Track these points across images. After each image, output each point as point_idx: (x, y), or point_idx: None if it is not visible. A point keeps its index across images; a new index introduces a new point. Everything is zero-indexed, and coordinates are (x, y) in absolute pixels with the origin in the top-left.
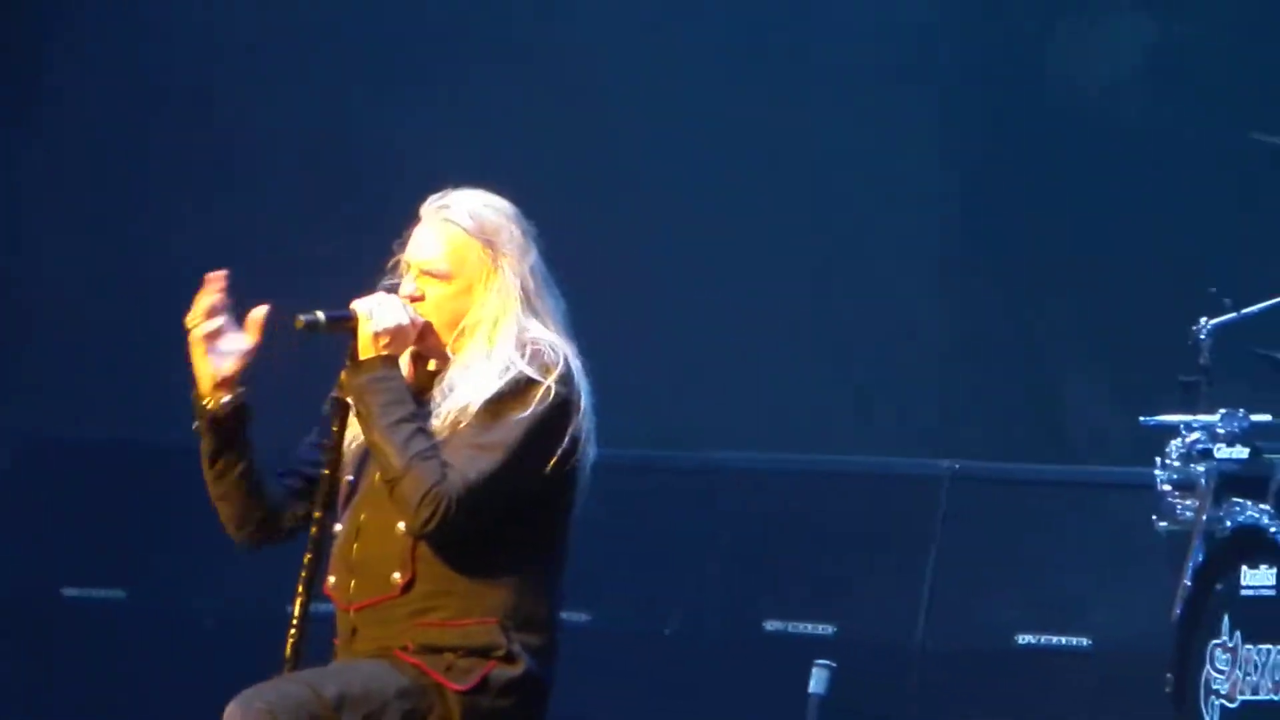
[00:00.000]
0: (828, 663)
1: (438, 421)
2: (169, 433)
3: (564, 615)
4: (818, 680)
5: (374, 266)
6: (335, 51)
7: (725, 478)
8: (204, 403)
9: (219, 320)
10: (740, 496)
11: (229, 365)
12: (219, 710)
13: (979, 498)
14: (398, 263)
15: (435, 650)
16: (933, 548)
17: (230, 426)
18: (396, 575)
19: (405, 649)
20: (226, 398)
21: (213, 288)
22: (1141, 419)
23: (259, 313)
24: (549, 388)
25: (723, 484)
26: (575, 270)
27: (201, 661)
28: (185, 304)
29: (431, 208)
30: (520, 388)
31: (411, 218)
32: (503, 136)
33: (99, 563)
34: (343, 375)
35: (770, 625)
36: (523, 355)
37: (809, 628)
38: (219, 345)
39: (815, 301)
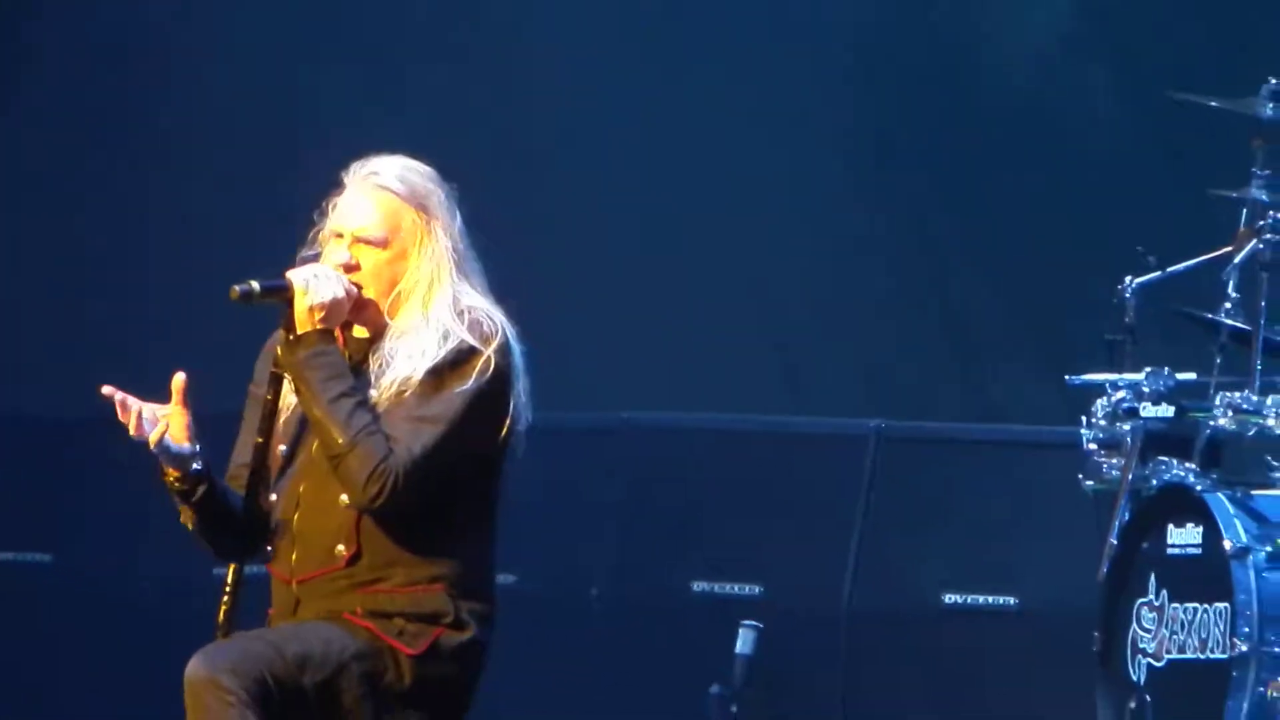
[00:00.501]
0: (755, 624)
1: (378, 393)
2: (96, 404)
3: None
4: (745, 641)
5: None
6: (284, 28)
7: (652, 438)
8: (177, 487)
9: (163, 424)
10: (667, 457)
11: (181, 443)
12: (144, 673)
13: (905, 458)
14: (319, 232)
15: (385, 615)
16: (859, 508)
17: (204, 494)
18: (340, 548)
19: (354, 613)
20: (195, 471)
21: (177, 397)
22: (1067, 378)
23: (179, 381)
24: (489, 358)
25: (649, 445)
26: (494, 232)
27: (131, 626)
28: (117, 274)
29: (359, 175)
30: (461, 358)
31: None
32: (419, 100)
33: (25, 527)
34: (277, 349)
35: (698, 586)
36: (461, 323)
37: (736, 589)
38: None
39: (740, 262)
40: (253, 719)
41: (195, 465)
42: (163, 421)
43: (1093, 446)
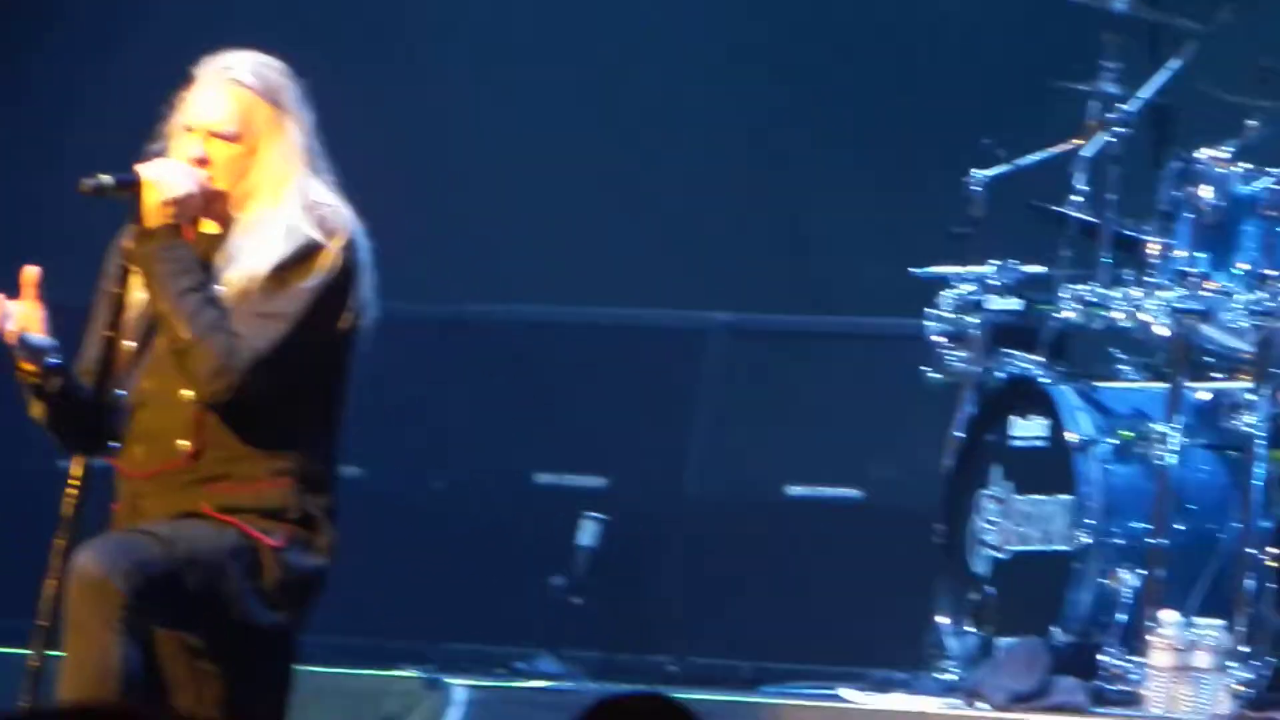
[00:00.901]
0: (597, 515)
1: (224, 289)
2: None
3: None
4: (587, 533)
5: None
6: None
7: (494, 331)
8: (33, 381)
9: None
10: (510, 349)
11: (36, 336)
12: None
13: (749, 351)
14: (165, 126)
15: (232, 511)
16: (703, 400)
17: (59, 387)
18: (184, 443)
19: (203, 510)
20: (52, 364)
21: (29, 291)
22: (913, 271)
23: (31, 275)
24: (334, 254)
25: (492, 337)
26: (342, 128)
27: None
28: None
29: (212, 69)
30: (307, 254)
31: None
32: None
33: None
34: (127, 242)
35: (541, 478)
36: (309, 219)
37: (580, 480)
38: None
39: (586, 156)
40: (124, 648)
41: (51, 358)
42: (18, 315)
43: (938, 339)
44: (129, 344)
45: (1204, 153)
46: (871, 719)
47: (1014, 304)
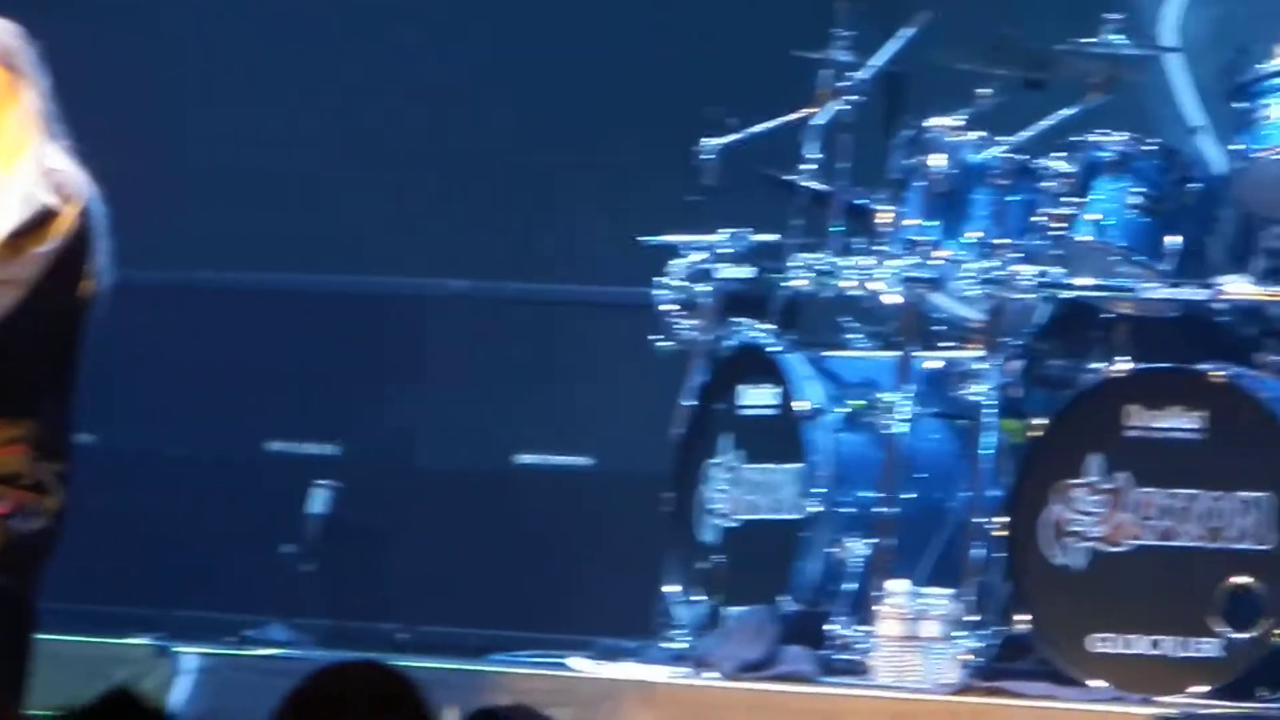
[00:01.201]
0: (329, 483)
1: None
2: None
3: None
4: (318, 500)
5: None
6: None
7: (228, 298)
8: None
9: None
10: (243, 317)
11: None
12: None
13: (481, 318)
14: None
15: None
16: (434, 368)
17: None
18: None
19: None
20: None
21: None
22: (642, 239)
23: None
24: (70, 219)
25: (226, 304)
26: (79, 88)
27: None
28: None
29: None
30: (41, 220)
31: None
32: None
33: None
34: None
35: (273, 446)
36: (45, 185)
37: (311, 448)
38: None
39: (314, 120)
40: None
41: None
42: None
43: (668, 307)
44: None
45: (935, 121)
46: (599, 688)
47: (745, 272)
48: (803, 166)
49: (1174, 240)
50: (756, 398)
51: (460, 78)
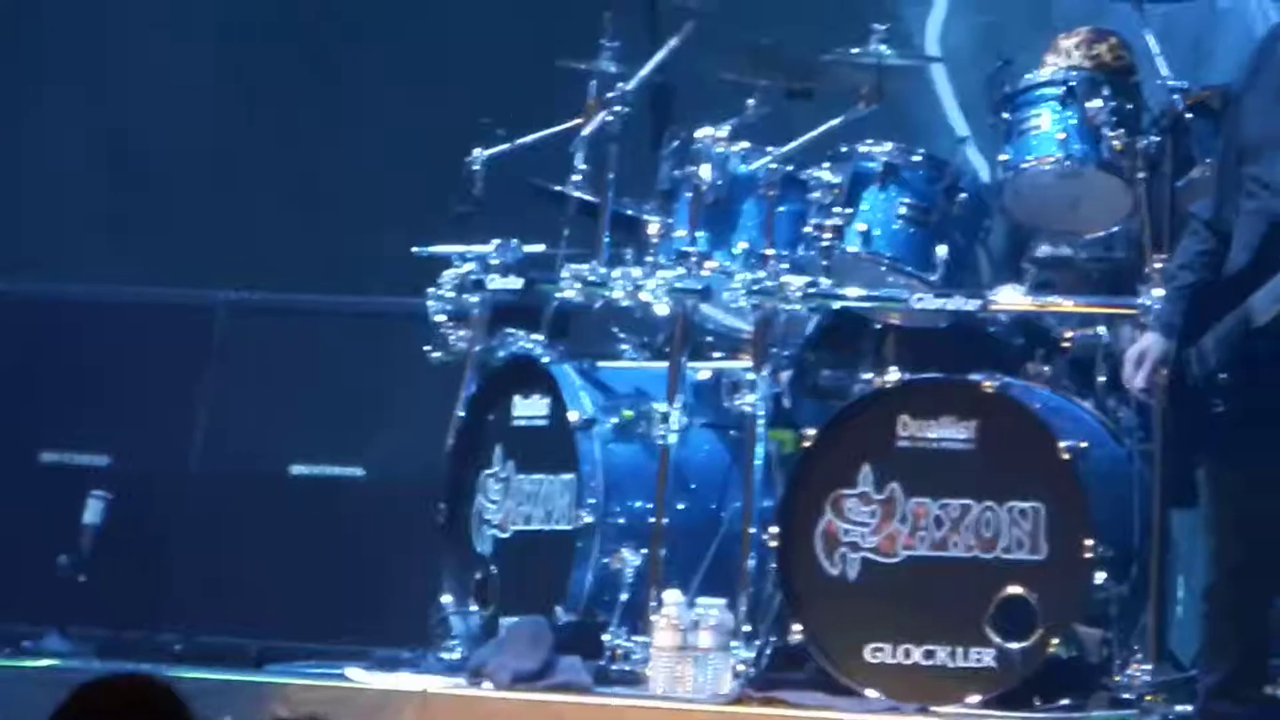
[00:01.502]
0: (103, 493)
1: None
2: None
3: None
4: (93, 511)
5: None
6: None
7: (24, 311)
8: None
9: None
10: (15, 326)
11: None
12: None
13: (255, 327)
14: None
15: None
16: (208, 378)
17: None
18: None
19: None
20: None
21: None
22: (414, 249)
23: None
24: None
25: (20, 317)
26: None
27: None
28: None
29: None
30: None
31: None
32: None
33: None
34: None
35: (46, 456)
36: None
37: (85, 458)
38: None
39: (87, 131)
40: None
41: None
42: None
43: (440, 318)
44: None
45: (703, 132)
46: (376, 698)
47: (515, 283)
48: (572, 177)
49: (942, 250)
50: (528, 408)
51: (237, 87)
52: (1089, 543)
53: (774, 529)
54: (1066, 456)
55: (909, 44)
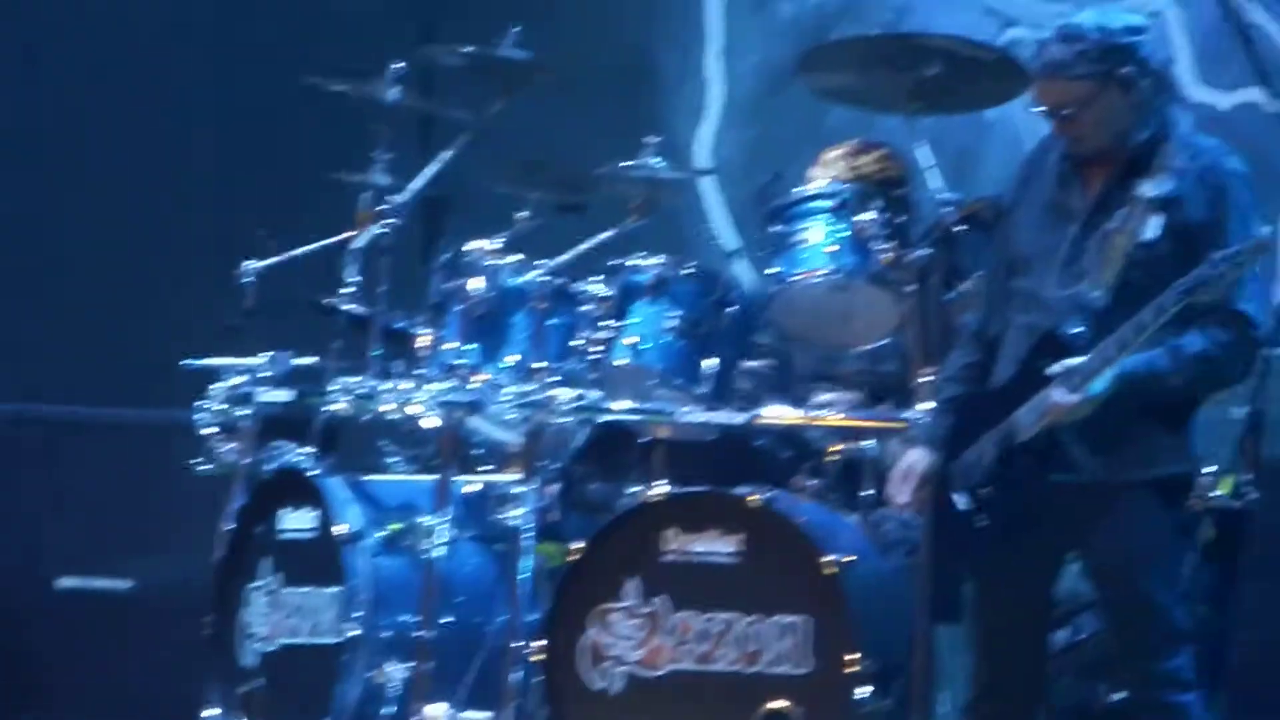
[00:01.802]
0: None
1: None
2: None
3: None
4: None
5: None
6: None
7: None
8: None
9: None
10: None
11: None
12: None
13: (26, 439)
14: None
15: None
16: None
17: None
18: None
19: None
20: None
21: None
22: (184, 362)
23: None
24: None
25: None
26: None
27: None
28: None
29: None
30: None
31: None
32: None
33: None
34: None
35: None
36: None
37: None
38: None
39: None
40: None
41: None
42: None
43: (209, 430)
44: None
45: (474, 244)
46: None
47: (285, 395)
48: (342, 290)
49: (711, 363)
50: (296, 521)
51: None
52: (854, 657)
53: (539, 642)
54: (832, 570)
55: (680, 157)
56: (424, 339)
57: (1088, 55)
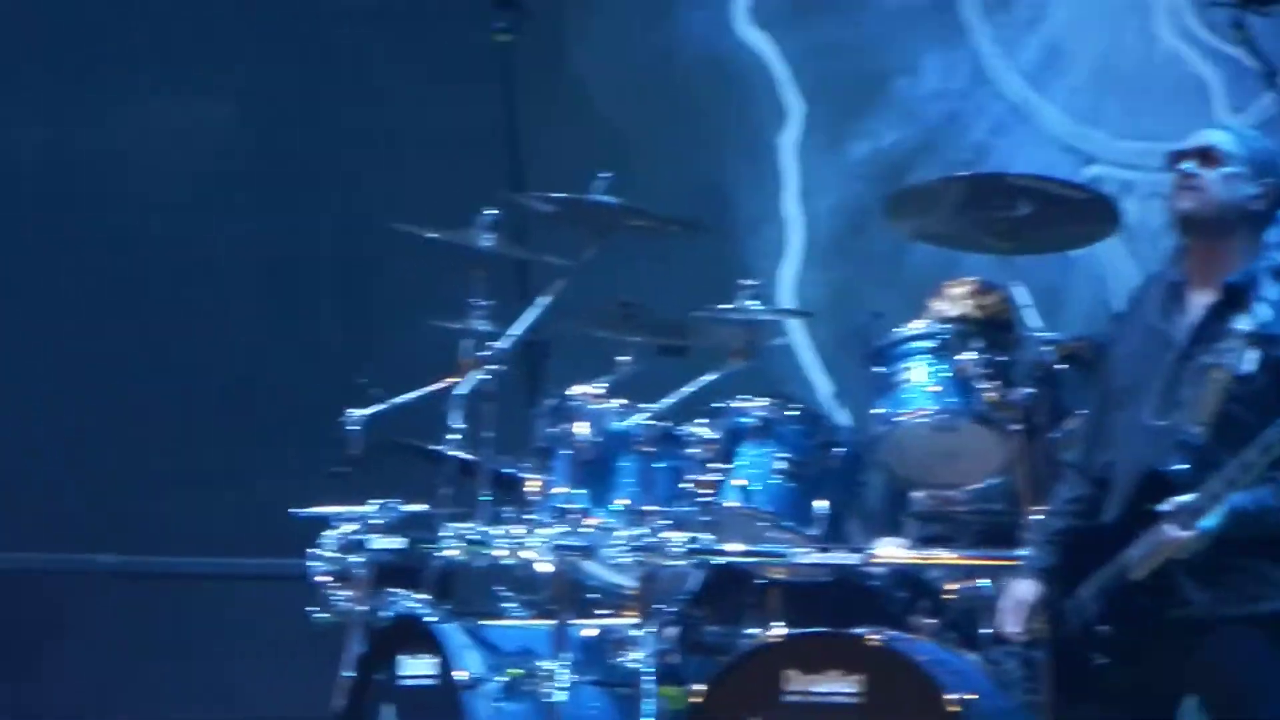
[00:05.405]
0: None
1: None
2: None
3: None
4: None
5: None
6: None
7: None
8: None
9: None
10: None
11: None
12: None
13: (142, 591)
14: None
15: None
16: (96, 641)
17: None
18: None
19: None
20: None
21: None
22: (292, 511)
23: None
24: None
25: None
26: None
27: None
28: None
29: None
30: None
31: None
32: None
33: None
34: None
35: None
36: None
37: None
38: None
39: None
40: None
41: None
42: None
43: (323, 579)
44: None
45: (578, 389)
46: None
47: (397, 543)
48: (448, 436)
49: (821, 505)
50: (416, 668)
51: (91, 347)
52: None
53: None
54: (955, 709)
55: (765, 298)
56: (533, 484)
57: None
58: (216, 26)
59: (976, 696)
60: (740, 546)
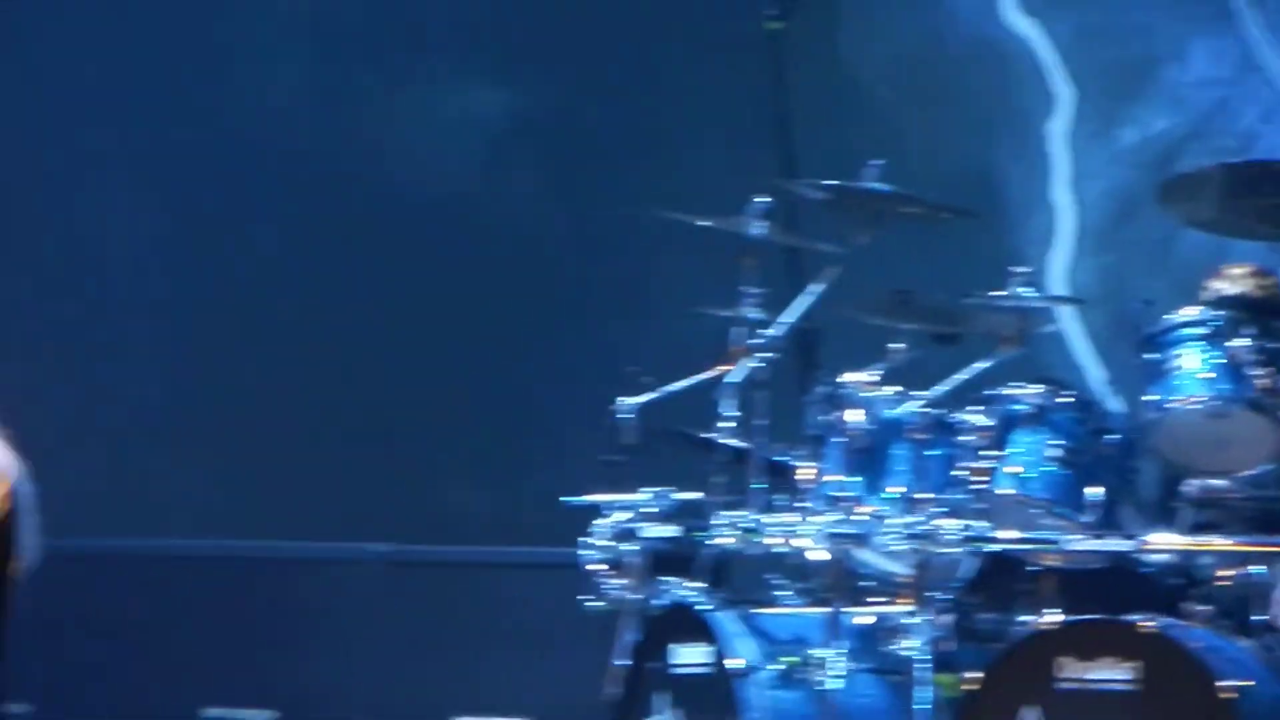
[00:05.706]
0: None
1: None
2: None
3: None
4: None
5: None
6: None
7: (154, 565)
8: None
9: None
10: (171, 584)
11: None
12: None
13: (413, 579)
14: None
15: None
16: (368, 629)
17: None
18: None
19: None
20: None
21: None
22: (564, 499)
23: None
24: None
25: (151, 572)
26: None
27: None
28: None
29: None
30: None
31: None
32: None
33: None
34: None
35: (211, 713)
36: None
37: (248, 714)
38: None
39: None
40: None
41: None
42: None
43: (597, 567)
44: None
45: (850, 377)
46: None
47: (670, 531)
48: (720, 424)
49: (1095, 491)
50: (689, 656)
51: (369, 336)
52: None
53: None
54: (1230, 695)
55: (1036, 285)
56: (805, 471)
57: None
58: (495, 18)
59: (1252, 683)
60: (1014, 534)
